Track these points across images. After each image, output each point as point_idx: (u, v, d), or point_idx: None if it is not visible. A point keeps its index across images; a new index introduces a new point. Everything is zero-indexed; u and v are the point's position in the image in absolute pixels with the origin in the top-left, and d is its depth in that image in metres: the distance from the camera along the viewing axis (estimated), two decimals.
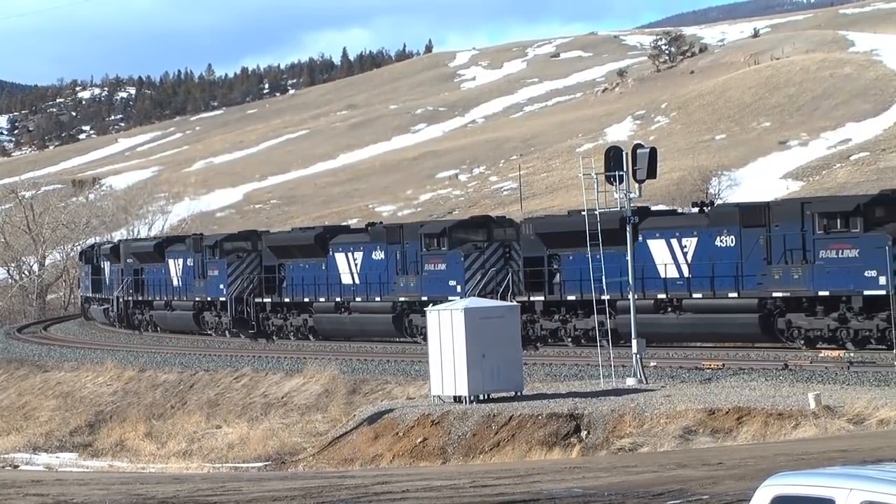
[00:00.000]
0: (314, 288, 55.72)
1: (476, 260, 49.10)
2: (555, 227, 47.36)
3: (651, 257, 43.55)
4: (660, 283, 43.23)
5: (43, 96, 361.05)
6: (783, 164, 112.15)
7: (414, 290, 50.93)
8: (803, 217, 39.54)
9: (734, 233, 41.46)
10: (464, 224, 52.56)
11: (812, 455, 21.60)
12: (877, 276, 37.77)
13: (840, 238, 38.53)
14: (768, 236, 40.29)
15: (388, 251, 52.38)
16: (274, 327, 58.84)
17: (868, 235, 37.86)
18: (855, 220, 38.63)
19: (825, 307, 39.50)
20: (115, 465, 39.81)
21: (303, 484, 22.01)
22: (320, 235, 56.19)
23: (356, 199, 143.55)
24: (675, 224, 44.15)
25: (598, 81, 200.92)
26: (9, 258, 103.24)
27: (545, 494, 19.04)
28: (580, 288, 44.54)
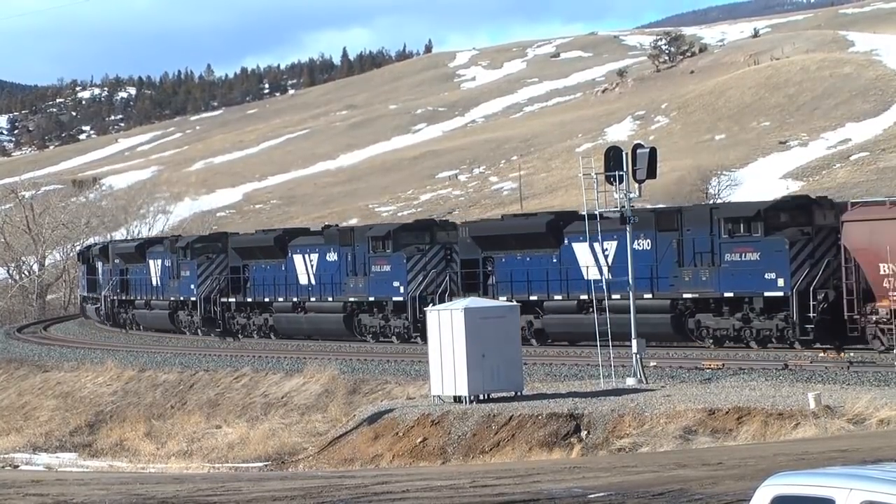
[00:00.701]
0: (274, 288, 57.67)
1: (418, 262, 51.18)
2: (488, 231, 49.45)
3: (575, 260, 45.50)
4: (583, 285, 44.41)
5: (43, 96, 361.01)
6: (783, 164, 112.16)
7: (362, 290, 53.15)
8: (712, 222, 41.41)
9: (650, 236, 43.17)
10: (408, 227, 54.54)
11: (812, 455, 21.60)
12: (776, 278, 39.71)
13: (743, 242, 40.62)
14: (680, 240, 42.12)
15: (340, 253, 54.26)
16: (238, 326, 60.77)
17: (768, 239, 39.76)
18: (756, 224, 40.63)
19: (731, 308, 41.29)
20: (115, 465, 39.81)
21: (303, 484, 22.01)
22: (280, 237, 58.24)
23: (356, 199, 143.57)
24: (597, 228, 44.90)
25: (598, 81, 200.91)
26: (9, 258, 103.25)
27: (545, 494, 19.04)
28: (511, 289, 46.67)
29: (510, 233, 48.32)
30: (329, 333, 55.73)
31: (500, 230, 49.13)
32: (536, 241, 46.71)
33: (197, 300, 62.40)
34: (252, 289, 59.23)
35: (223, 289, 60.94)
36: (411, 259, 51.37)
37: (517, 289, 46.64)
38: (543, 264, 45.91)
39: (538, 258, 46.06)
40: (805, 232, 40.16)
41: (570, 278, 45.55)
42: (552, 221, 47.21)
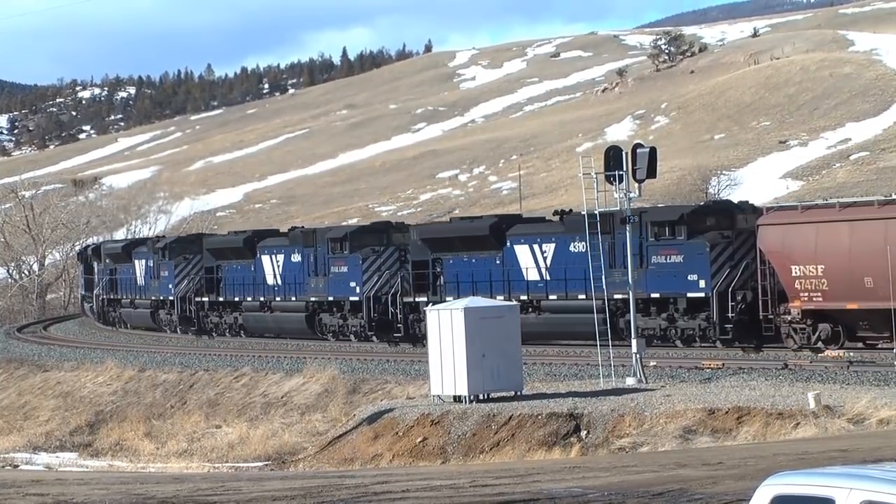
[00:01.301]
0: (243, 288, 59.85)
1: (373, 263, 53.08)
2: (437, 233, 51.60)
3: (517, 261, 47.36)
4: (523, 286, 46.74)
5: (43, 96, 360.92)
6: (783, 164, 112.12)
7: (322, 290, 55.18)
8: (641, 225, 42.39)
9: (584, 239, 43.95)
10: (364, 229, 56.53)
11: (812, 455, 21.61)
12: (698, 279, 41.61)
13: (668, 245, 42.58)
14: (613, 242, 43.27)
15: (303, 254, 56.28)
16: (212, 325, 63.06)
17: (690, 242, 41.67)
18: (680, 228, 42.59)
19: (657, 308, 43.13)
20: (114, 464, 39.81)
21: (303, 483, 22.02)
22: (249, 239, 60.46)
23: (356, 199, 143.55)
24: (537, 231, 47.87)
25: (597, 81, 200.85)
26: (9, 258, 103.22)
27: (545, 494, 19.04)
28: (457, 289, 48.52)
29: (456, 235, 50.14)
30: (293, 332, 57.49)
31: (447, 233, 51.12)
32: (481, 243, 48.59)
33: (174, 299, 64.54)
34: (224, 288, 61.16)
35: (199, 288, 62.93)
36: (367, 260, 53.10)
37: (463, 289, 48.02)
38: (487, 266, 47.89)
39: (483, 260, 48.11)
40: (725, 235, 41.78)
41: (511, 279, 47.29)
42: (495, 224, 49.01)
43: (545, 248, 46.55)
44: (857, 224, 38.27)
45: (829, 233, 38.86)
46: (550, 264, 46.26)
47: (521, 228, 48.50)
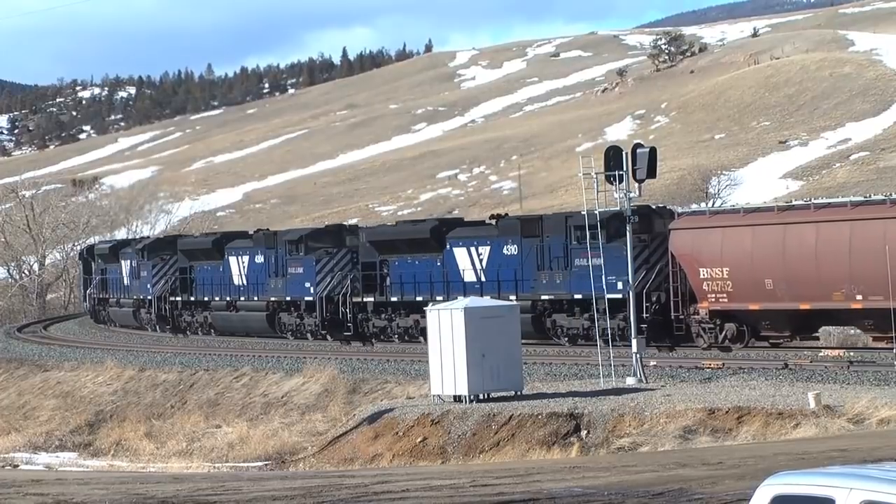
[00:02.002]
0: (212, 288, 62.33)
1: (327, 264, 55.21)
2: (382, 236, 53.87)
3: (455, 263, 49.54)
4: (461, 287, 48.57)
5: (43, 96, 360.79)
6: (783, 164, 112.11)
7: (281, 290, 57.51)
8: (566, 229, 45.37)
9: (517, 242, 47.32)
10: (319, 232, 58.58)
11: (812, 455, 21.61)
12: (616, 281, 42.79)
13: (582, 248, 43.70)
14: (541, 246, 46.16)
15: (266, 255, 58.57)
16: (185, 323, 65.66)
17: (609, 246, 42.37)
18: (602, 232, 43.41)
19: (580, 308, 45.15)
20: (114, 464, 39.81)
21: (303, 483, 22.01)
22: (217, 240, 63.20)
23: (356, 199, 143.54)
24: (474, 234, 50.14)
25: (597, 81, 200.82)
26: (9, 258, 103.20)
27: (545, 494, 19.04)
28: (401, 290, 51.31)
29: (400, 238, 52.46)
30: (256, 331, 59.84)
31: (391, 235, 53.46)
32: (423, 245, 50.91)
33: (152, 299, 67.22)
34: (197, 288, 63.72)
35: (174, 288, 65.58)
36: (320, 262, 55.27)
37: (407, 290, 51.02)
38: (429, 267, 50.21)
39: (425, 261, 50.41)
40: (642, 239, 43.36)
41: (450, 280, 49.42)
42: (436, 227, 51.41)
43: (481, 250, 48.66)
44: (758, 229, 40.11)
45: (733, 237, 40.76)
46: (486, 266, 48.39)
47: (460, 232, 50.68)
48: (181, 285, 64.59)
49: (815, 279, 37.90)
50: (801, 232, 38.95)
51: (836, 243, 38.06)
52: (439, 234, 50.54)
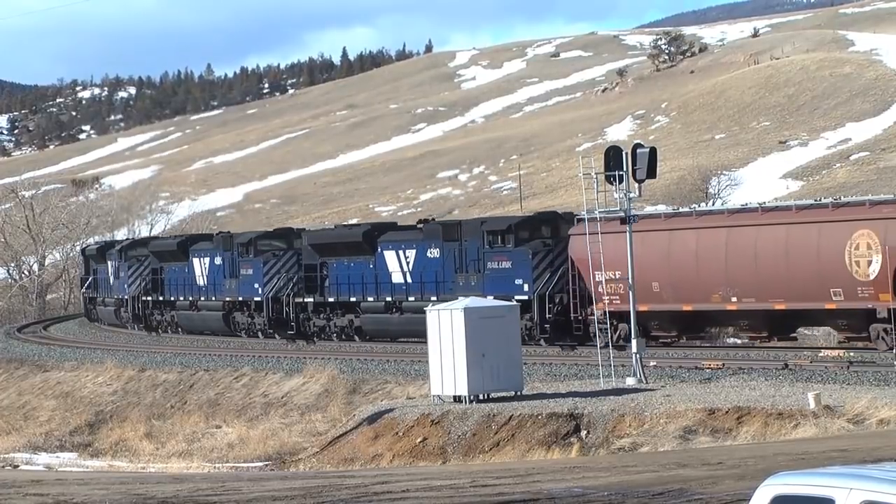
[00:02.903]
0: (178, 288, 65.12)
1: (274, 266, 57.99)
2: (321, 239, 56.54)
3: (386, 266, 52.20)
4: (389, 288, 51.88)
5: (43, 96, 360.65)
6: (783, 164, 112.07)
7: (234, 291, 60.21)
8: (481, 234, 47.89)
9: (439, 246, 49.81)
10: (268, 235, 61.81)
11: (812, 455, 21.61)
12: (523, 283, 46.11)
13: (499, 252, 47.18)
14: (459, 250, 48.61)
15: (223, 257, 61.20)
16: (156, 322, 68.40)
17: (517, 250, 46.45)
18: (509, 237, 47.40)
19: None
20: (115, 464, 39.81)
21: (303, 484, 22.01)
22: (183, 242, 66.20)
23: (356, 199, 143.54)
24: (402, 238, 52.79)
25: (597, 81, 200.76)
26: (9, 258, 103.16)
27: (545, 494, 19.04)
28: (338, 291, 54.36)
29: (337, 241, 55.31)
30: (214, 329, 62.78)
31: (329, 238, 56.32)
32: (357, 249, 53.68)
33: (129, 299, 70.04)
34: (166, 288, 66.53)
35: (147, 288, 68.30)
36: (267, 263, 58.06)
37: (343, 290, 53.97)
38: (363, 269, 53.06)
39: (359, 264, 53.23)
40: (546, 244, 46.48)
41: (380, 282, 52.22)
42: (368, 232, 54.20)
43: (408, 253, 51.33)
44: (646, 234, 42.21)
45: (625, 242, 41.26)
46: (412, 268, 51.08)
47: (391, 235, 53.46)
48: (153, 285, 67.32)
49: (695, 282, 39.95)
50: (683, 238, 41.49)
51: (713, 249, 40.69)
52: (371, 238, 53.18)
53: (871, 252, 37.18)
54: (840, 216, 38.59)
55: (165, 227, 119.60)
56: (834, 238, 37.83)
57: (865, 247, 37.31)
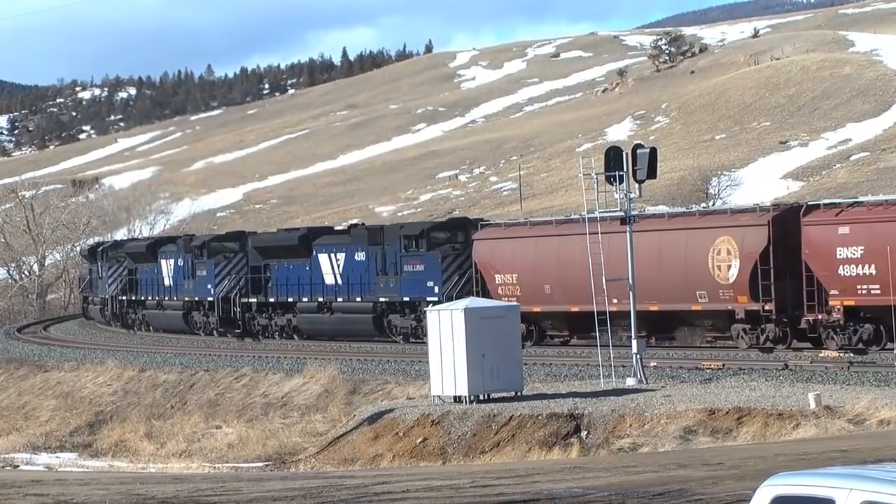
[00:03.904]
0: (148, 288, 68.45)
1: (226, 267, 60.78)
2: (264, 242, 60.03)
3: (320, 268, 55.04)
4: (322, 289, 54.86)
5: (43, 96, 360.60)
6: (783, 164, 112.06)
7: (191, 291, 63.40)
8: (399, 239, 51.00)
9: (364, 249, 52.88)
10: (221, 238, 64.89)
11: (812, 455, 21.61)
12: (433, 285, 49.19)
13: (414, 256, 50.30)
14: (381, 253, 51.75)
15: (185, 259, 64.14)
16: (131, 320, 71.59)
17: (428, 254, 49.51)
18: (422, 241, 50.31)
19: (409, 309, 51.03)
20: (115, 465, 39.80)
21: (303, 484, 22.01)
22: (152, 245, 69.74)
23: (356, 199, 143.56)
24: (334, 242, 55.56)
25: (598, 81, 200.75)
26: (9, 258, 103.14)
27: (545, 494, 19.04)
28: (278, 291, 57.29)
29: (277, 244, 58.54)
30: (175, 328, 66.09)
31: (270, 242, 59.64)
32: (294, 252, 56.64)
33: (109, 298, 73.53)
34: (139, 288, 69.69)
35: (124, 288, 71.49)
36: (219, 265, 60.96)
37: (282, 291, 57.13)
38: (300, 271, 56.06)
39: (297, 266, 56.22)
40: (455, 248, 49.64)
41: (314, 283, 55.14)
42: (304, 236, 57.29)
43: (338, 256, 54.25)
44: (540, 240, 46.03)
45: (521, 247, 46.64)
46: (342, 271, 54.01)
47: (324, 239, 56.23)
48: (129, 285, 70.80)
49: (581, 284, 41.37)
50: (571, 243, 43.91)
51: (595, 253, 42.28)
52: (307, 242, 56.21)
53: (730, 257, 39.87)
54: (704, 224, 41.59)
55: (165, 227, 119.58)
56: (699, 244, 40.41)
57: (726, 252, 40.00)
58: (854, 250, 36.97)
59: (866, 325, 37.20)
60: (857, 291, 36.98)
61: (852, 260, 36.83)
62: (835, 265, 37.69)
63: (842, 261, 37.40)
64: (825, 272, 38.04)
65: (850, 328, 37.66)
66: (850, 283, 36.90)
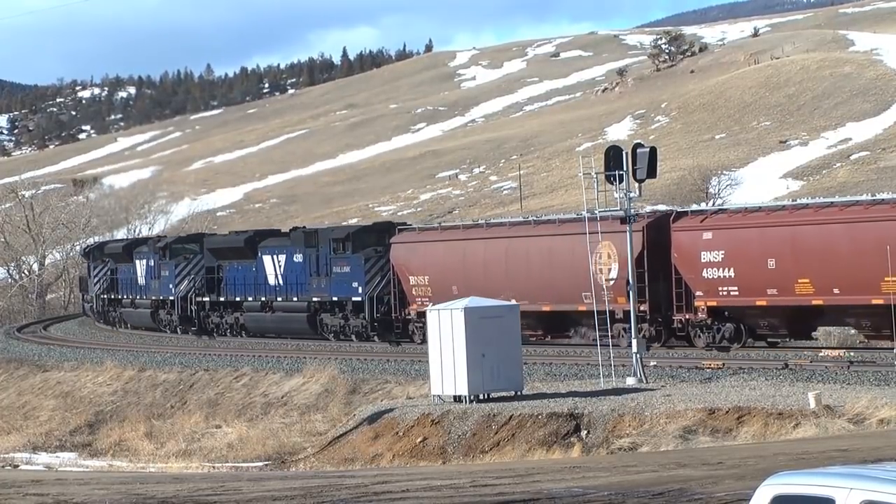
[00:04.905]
0: (125, 287, 71.66)
1: (185, 268, 64.29)
2: (215, 244, 63.20)
3: (264, 269, 58.12)
4: (265, 289, 58.02)
5: (43, 96, 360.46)
6: (783, 164, 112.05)
7: (157, 291, 67.09)
8: (329, 242, 54.06)
9: (302, 251, 55.76)
10: (182, 239, 68.79)
11: (812, 455, 21.60)
12: (358, 286, 52.51)
13: (341, 258, 53.48)
14: (316, 255, 54.61)
15: (153, 260, 67.50)
16: (112, 317, 75.24)
17: (353, 256, 52.78)
18: (348, 244, 53.49)
19: (338, 308, 54.19)
20: (114, 464, 39.79)
21: (303, 484, 22.00)
22: (128, 246, 73.33)
23: (356, 199, 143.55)
24: (277, 244, 58.66)
25: (597, 81, 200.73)
26: (9, 258, 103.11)
27: (545, 494, 19.03)
28: (227, 291, 60.90)
29: (226, 246, 61.85)
30: (145, 325, 70.10)
31: (221, 244, 62.87)
32: (242, 253, 59.88)
33: (94, 297, 77.19)
34: (118, 287, 72.77)
35: (106, 287, 74.60)
36: (179, 266, 64.46)
37: (231, 291, 60.46)
38: (247, 272, 59.20)
39: (245, 267, 59.39)
40: (378, 251, 52.44)
41: (258, 283, 58.32)
42: (250, 238, 60.68)
43: (280, 258, 57.24)
44: (448, 244, 48.96)
45: (432, 250, 49.60)
46: (283, 272, 56.94)
47: (269, 242, 59.41)
48: (110, 284, 74.24)
49: (484, 286, 44.73)
50: (475, 247, 47.66)
51: (497, 257, 47.02)
52: (253, 244, 59.39)
53: (610, 261, 42.87)
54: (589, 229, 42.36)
55: (165, 226, 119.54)
56: (584, 249, 42.25)
57: (606, 256, 43.01)
58: (716, 254, 39.42)
59: (728, 324, 39.55)
60: (718, 293, 39.36)
61: (714, 263, 39.12)
62: (699, 268, 40.30)
63: (705, 264, 39.96)
64: (691, 275, 40.80)
65: (715, 327, 40.27)
66: (713, 285, 39.22)
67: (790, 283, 38.71)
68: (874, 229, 37.05)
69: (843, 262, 37.53)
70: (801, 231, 38.89)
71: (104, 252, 76.39)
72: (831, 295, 37.98)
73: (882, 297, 36.33)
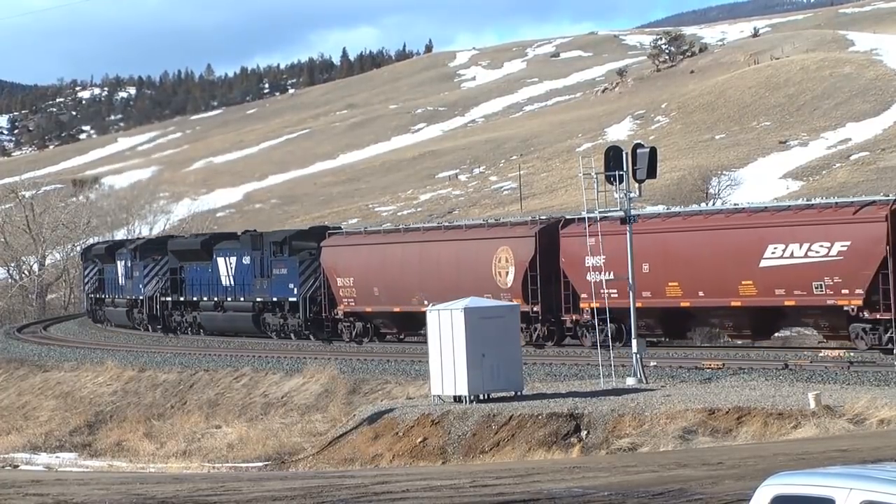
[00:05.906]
0: (109, 287, 74.66)
1: (152, 270, 67.54)
2: (177, 247, 66.04)
3: (218, 270, 60.88)
4: (218, 290, 60.85)
5: (43, 96, 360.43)
6: (783, 164, 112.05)
7: (130, 291, 70.30)
8: (269, 245, 57.09)
9: (250, 254, 58.52)
10: (152, 241, 72.75)
11: (812, 455, 21.60)
12: (293, 287, 55.24)
13: (280, 260, 56.39)
14: (261, 258, 57.52)
15: (129, 261, 70.26)
16: (98, 316, 78.59)
17: (289, 259, 55.78)
18: (285, 247, 56.30)
19: (278, 308, 56.96)
20: (114, 465, 39.79)
21: (303, 484, 22.00)
22: (110, 248, 76.31)
23: (356, 199, 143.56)
24: (229, 246, 61.29)
25: (597, 81, 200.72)
26: (9, 258, 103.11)
27: (545, 494, 19.03)
28: (185, 291, 63.91)
29: (186, 248, 64.83)
30: (121, 323, 72.93)
31: (182, 246, 65.57)
32: (199, 255, 62.66)
33: (84, 295, 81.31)
34: (104, 287, 75.74)
35: (95, 286, 77.86)
36: (147, 267, 67.83)
37: (190, 291, 63.43)
38: (204, 273, 62.04)
39: (203, 268, 62.24)
40: (312, 253, 54.74)
41: (213, 284, 61.11)
42: (206, 241, 63.78)
43: (231, 260, 59.96)
44: (372, 247, 51.69)
45: (357, 253, 52.03)
46: (234, 273, 59.66)
47: (223, 244, 62.12)
48: (98, 284, 77.38)
49: (400, 288, 48.24)
50: (393, 250, 50.38)
51: (411, 260, 49.36)
52: (209, 247, 62.13)
53: (508, 265, 45.59)
54: (490, 234, 47.29)
55: (165, 227, 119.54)
56: (485, 253, 46.08)
57: (505, 260, 45.70)
58: (598, 259, 40.66)
59: (611, 324, 40.84)
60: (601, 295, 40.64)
61: (597, 268, 40.69)
62: (584, 272, 42.54)
63: (589, 268, 41.91)
64: (577, 278, 43.40)
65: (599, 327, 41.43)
66: (596, 288, 40.58)
67: (661, 286, 41.37)
68: (732, 236, 40.03)
69: (707, 267, 40.42)
70: (671, 238, 41.78)
71: (93, 253, 79.51)
72: (697, 298, 40.91)
73: (740, 299, 39.49)
